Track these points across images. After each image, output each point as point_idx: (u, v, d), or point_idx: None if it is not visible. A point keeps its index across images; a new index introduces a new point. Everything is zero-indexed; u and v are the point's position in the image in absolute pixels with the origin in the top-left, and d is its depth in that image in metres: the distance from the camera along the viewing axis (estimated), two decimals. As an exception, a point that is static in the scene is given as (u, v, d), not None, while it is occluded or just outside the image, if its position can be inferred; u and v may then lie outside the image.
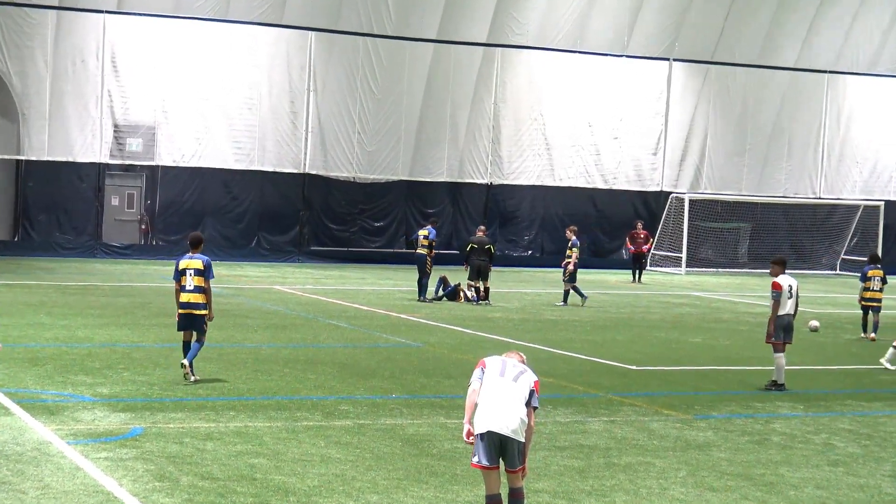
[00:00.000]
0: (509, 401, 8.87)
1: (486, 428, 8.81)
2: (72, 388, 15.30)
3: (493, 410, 8.85)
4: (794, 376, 18.91)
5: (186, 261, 16.36)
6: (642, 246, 40.73)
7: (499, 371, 9.01)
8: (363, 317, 25.76)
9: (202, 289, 16.22)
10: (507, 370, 9.02)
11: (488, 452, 8.85)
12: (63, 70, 39.67)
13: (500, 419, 8.86)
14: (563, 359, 20.37)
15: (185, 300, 16.23)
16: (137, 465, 11.29)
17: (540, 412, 14.98)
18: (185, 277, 16.25)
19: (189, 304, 16.24)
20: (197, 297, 16.20)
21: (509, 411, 8.84)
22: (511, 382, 8.90)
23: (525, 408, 8.94)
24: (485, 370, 9.01)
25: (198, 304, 16.23)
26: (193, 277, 16.21)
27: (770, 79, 49.16)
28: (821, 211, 51.16)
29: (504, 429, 8.83)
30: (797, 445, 13.86)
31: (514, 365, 9.10)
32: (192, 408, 14.33)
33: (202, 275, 16.22)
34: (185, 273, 16.26)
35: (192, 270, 16.23)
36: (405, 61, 43.77)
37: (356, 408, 14.83)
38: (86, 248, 40.29)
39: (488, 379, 8.94)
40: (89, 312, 23.91)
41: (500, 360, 9.12)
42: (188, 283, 16.21)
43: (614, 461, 12.53)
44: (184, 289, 16.24)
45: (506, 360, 9.09)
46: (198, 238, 16.81)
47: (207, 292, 16.28)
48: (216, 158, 41.61)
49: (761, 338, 18.35)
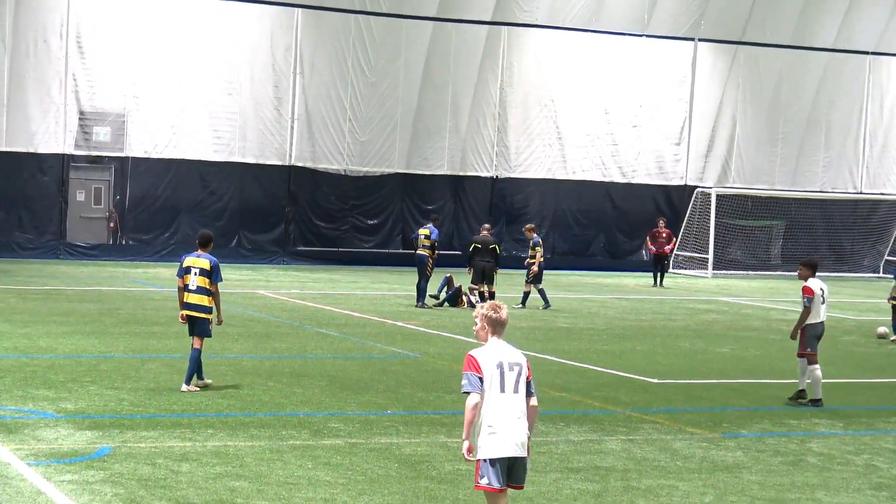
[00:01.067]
0: (517, 418, 8.99)
1: (499, 454, 8.93)
2: (32, 404, 15.30)
3: (505, 434, 8.96)
4: (832, 390, 18.90)
5: (192, 258, 16.72)
6: (664, 246, 40.75)
7: (499, 385, 9.02)
8: (355, 324, 25.76)
9: (206, 290, 16.56)
10: (506, 379, 9.03)
11: (498, 475, 8.98)
12: (22, 51, 39.69)
13: (512, 443, 8.97)
14: (576, 371, 20.38)
15: (188, 301, 16.64)
16: (105, 489, 11.29)
17: (552, 430, 15.02)
18: (188, 276, 16.61)
19: (191, 306, 16.61)
20: (200, 299, 16.57)
21: (519, 430, 8.99)
22: (514, 395, 8.98)
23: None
24: (483, 379, 9.02)
25: (200, 307, 16.58)
26: (198, 277, 16.56)
27: (806, 61, 49.18)
28: (862, 207, 51.19)
29: (516, 451, 8.99)
30: (836, 467, 13.86)
31: (511, 362, 9.11)
32: (165, 425, 14.33)
33: (207, 276, 16.55)
34: (189, 271, 16.62)
35: (198, 269, 16.58)
36: (401, 41, 43.80)
37: (347, 425, 14.84)
38: (48, 248, 40.30)
39: (492, 396, 8.96)
40: (52, 320, 23.91)
41: (494, 360, 9.11)
42: (191, 282, 16.58)
43: (633, 484, 12.53)
44: (186, 288, 16.62)
45: (501, 361, 9.10)
46: (208, 236, 17.15)
47: (215, 296, 16.63)
48: (192, 149, 41.63)
49: (795, 348, 18.35)
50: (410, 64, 44.01)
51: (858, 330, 29.22)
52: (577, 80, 46.11)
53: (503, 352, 9.09)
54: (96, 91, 40.47)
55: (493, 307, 9.19)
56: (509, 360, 9.05)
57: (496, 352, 9.08)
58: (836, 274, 47.88)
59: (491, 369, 9.01)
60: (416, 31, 43.98)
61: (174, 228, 41.80)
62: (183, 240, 41.33)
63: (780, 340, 25.83)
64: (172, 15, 41.12)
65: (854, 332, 28.59)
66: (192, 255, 16.82)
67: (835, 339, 26.59)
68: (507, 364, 9.04)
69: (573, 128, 46.34)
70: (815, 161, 50.39)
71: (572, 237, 47.31)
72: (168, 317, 25.26)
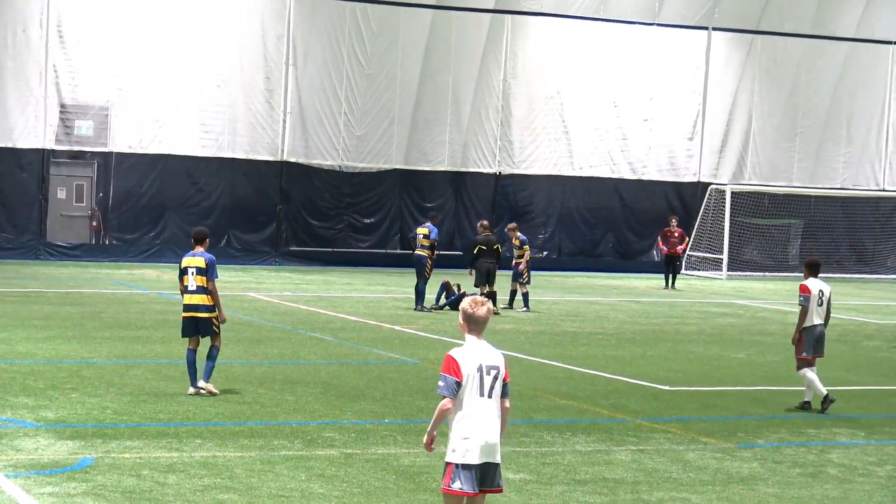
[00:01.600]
0: (493, 421, 9.15)
1: (473, 461, 9.04)
2: (11, 412, 15.31)
3: (480, 440, 9.10)
4: (854, 398, 18.91)
5: (188, 259, 17.08)
6: (676, 246, 40.77)
7: (478, 388, 9.15)
8: (350, 329, 25.77)
9: (206, 289, 16.90)
10: (485, 382, 9.12)
11: (472, 480, 9.12)
12: (0, 41, 39.70)
13: (487, 448, 9.12)
14: (584, 378, 20.39)
15: (189, 302, 16.97)
16: (88, 502, 11.29)
17: (558, 440, 15.02)
18: (186, 277, 16.98)
19: (192, 307, 16.94)
20: (201, 299, 16.90)
21: (493, 435, 9.13)
22: (489, 400, 9.13)
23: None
24: (461, 384, 9.09)
25: (202, 306, 16.90)
26: (195, 277, 16.91)
27: (826, 51, 49.20)
28: (885, 205, 51.20)
29: (490, 457, 9.13)
30: (857, 479, 13.86)
31: (489, 365, 9.18)
32: (151, 435, 14.34)
33: (204, 274, 16.87)
34: (186, 272, 16.98)
35: (194, 269, 16.92)
36: (399, 30, 43.82)
37: (342, 435, 14.84)
38: (27, 248, 40.32)
39: (470, 399, 9.10)
40: (31, 323, 23.92)
41: (475, 362, 9.17)
42: (190, 283, 16.94)
43: (644, 497, 12.53)
44: (186, 289, 16.97)
45: (482, 363, 9.16)
46: (202, 233, 17.40)
47: (213, 293, 16.88)
48: (179, 144, 41.65)
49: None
50: (409, 54, 44.02)
51: (881, 334, 29.23)
52: (585, 72, 46.12)
53: (483, 353, 9.17)
54: (78, 83, 40.48)
55: (473, 303, 9.19)
56: (488, 362, 9.14)
57: (477, 353, 9.15)
58: (858, 275, 47.90)
59: (471, 371, 9.11)
60: (415, 19, 43.99)
61: (160, 228, 41.81)
62: (169, 239, 41.38)
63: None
64: (159, 3, 41.13)
65: (876, 337, 28.59)
66: (188, 255, 17.15)
67: (856, 345, 26.61)
68: (486, 367, 9.13)
69: (580, 121, 46.35)
70: (836, 156, 50.40)
71: (579, 236, 47.32)
72: (154, 320, 25.28)
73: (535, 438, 15.12)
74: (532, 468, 13.51)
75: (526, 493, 12.45)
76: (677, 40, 47.37)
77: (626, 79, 46.70)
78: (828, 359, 23.77)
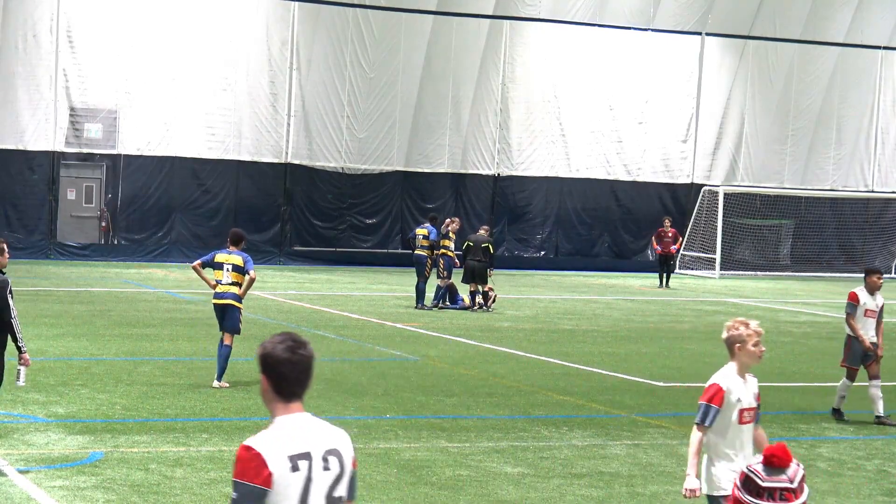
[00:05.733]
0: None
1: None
2: (22, 408, 15.32)
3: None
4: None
5: (225, 255, 17.75)
6: (670, 246, 40.76)
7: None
8: (353, 326, 25.79)
9: (239, 284, 17.53)
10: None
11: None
12: (11, 46, 39.70)
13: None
14: (580, 374, 20.40)
15: (220, 290, 17.55)
16: (97, 495, 11.31)
17: (555, 435, 15.03)
18: (220, 272, 17.60)
19: (223, 295, 17.53)
20: (234, 290, 17.51)
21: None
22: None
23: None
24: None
25: (232, 295, 17.49)
26: (231, 273, 17.56)
27: (816, 55, 49.19)
28: (874, 206, 51.19)
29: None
30: (846, 472, 13.88)
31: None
32: (159, 430, 14.35)
33: (240, 271, 17.51)
34: (220, 267, 17.62)
35: (231, 266, 17.59)
36: (401, 36, 43.81)
37: (345, 430, 14.84)
38: (38, 248, 40.32)
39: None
40: (42, 321, 23.92)
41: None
42: (225, 277, 17.59)
43: (639, 490, 12.55)
44: (220, 282, 17.58)
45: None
46: (239, 235, 18.14)
47: (251, 281, 17.50)
48: (186, 146, 41.63)
49: (806, 350, 18.39)
50: (410, 59, 44.01)
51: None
52: (581, 76, 46.11)
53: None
54: (87, 87, 40.47)
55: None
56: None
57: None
58: (847, 274, 47.85)
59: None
60: (416, 25, 43.98)
61: (167, 228, 41.81)
62: (176, 239, 41.37)
63: (789, 343, 25.84)
64: (166, 9, 41.12)
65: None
66: (223, 252, 17.84)
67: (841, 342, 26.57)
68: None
69: (577, 124, 46.35)
70: (826, 158, 50.38)
71: (576, 236, 47.31)
72: (161, 318, 25.29)
73: (532, 433, 15.13)
74: (530, 462, 13.53)
75: (523, 486, 12.47)
76: (671, 45, 47.35)
77: (622, 83, 46.69)
78: (818, 356, 23.83)
